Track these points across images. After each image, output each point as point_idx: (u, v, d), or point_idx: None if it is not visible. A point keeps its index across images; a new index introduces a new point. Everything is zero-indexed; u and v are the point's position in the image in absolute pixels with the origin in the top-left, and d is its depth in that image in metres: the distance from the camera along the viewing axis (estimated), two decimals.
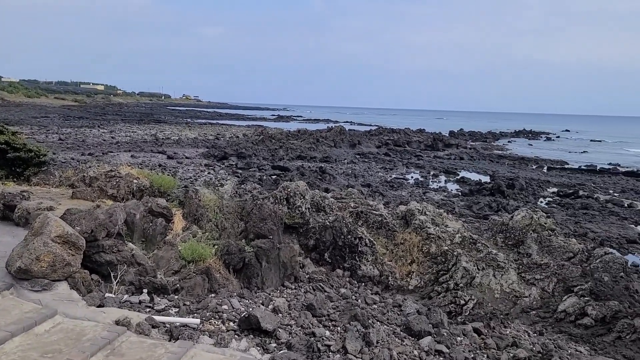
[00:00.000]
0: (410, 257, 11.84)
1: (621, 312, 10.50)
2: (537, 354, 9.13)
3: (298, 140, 52.79)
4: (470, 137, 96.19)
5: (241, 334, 7.47)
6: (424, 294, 11.37)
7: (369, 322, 8.58)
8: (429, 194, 30.20)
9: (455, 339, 9.09)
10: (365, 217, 12.49)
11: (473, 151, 65.47)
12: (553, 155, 67.76)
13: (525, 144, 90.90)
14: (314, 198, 12.62)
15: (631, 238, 21.48)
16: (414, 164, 46.69)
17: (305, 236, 11.92)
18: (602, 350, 10.01)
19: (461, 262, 11.35)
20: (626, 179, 44.72)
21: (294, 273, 10.59)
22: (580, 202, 29.85)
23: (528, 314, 11.07)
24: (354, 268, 11.57)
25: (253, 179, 29.04)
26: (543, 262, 11.84)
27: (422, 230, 12.15)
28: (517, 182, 34.06)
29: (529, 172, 46.86)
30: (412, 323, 8.96)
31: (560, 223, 23.32)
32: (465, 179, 38.34)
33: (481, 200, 28.20)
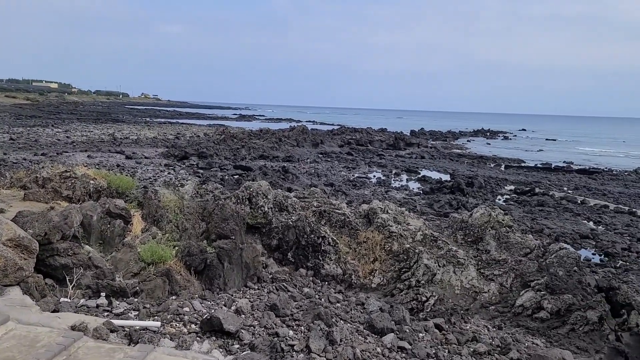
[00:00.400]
0: (373, 255, 11.93)
1: (574, 305, 10.87)
2: (496, 348, 9.34)
3: (260, 140, 52.48)
4: (431, 136, 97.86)
5: (203, 336, 7.36)
6: (387, 291, 11.48)
7: (333, 321, 8.59)
8: (391, 193, 30.54)
9: (417, 335, 9.20)
10: (329, 216, 12.52)
11: (434, 150, 66.62)
12: (510, 153, 69.68)
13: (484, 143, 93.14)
14: (277, 198, 12.56)
15: (584, 233, 22.29)
16: (376, 163, 47.13)
17: (268, 236, 11.85)
18: (557, 342, 10.34)
19: (422, 260, 11.52)
20: (579, 177, 46.40)
21: (256, 273, 10.51)
22: (537, 199, 30.78)
23: (487, 309, 11.33)
24: (317, 267, 11.57)
25: (215, 179, 28.68)
26: (501, 258, 12.14)
27: (385, 229, 12.26)
28: (476, 181, 34.85)
29: (487, 170, 48.04)
30: (375, 321, 9.02)
31: (518, 220, 23.99)
32: (427, 178, 38.95)
33: (442, 199, 28.72)
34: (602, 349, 10.33)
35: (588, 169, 52.63)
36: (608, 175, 48.23)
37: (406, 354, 8.21)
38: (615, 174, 50.19)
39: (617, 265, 18.10)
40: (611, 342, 10.46)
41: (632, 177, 48.22)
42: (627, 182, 43.83)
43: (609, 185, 40.94)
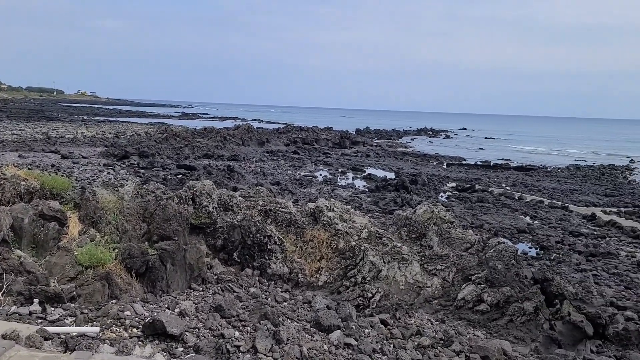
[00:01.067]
0: (320, 253, 11.96)
1: (512, 296, 11.31)
2: (439, 341, 9.58)
3: (205, 139, 51.55)
4: (376, 135, 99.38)
5: (145, 339, 7.14)
6: (333, 289, 11.54)
7: (279, 320, 8.54)
8: (337, 191, 30.76)
9: (363, 331, 9.30)
10: (275, 215, 12.44)
11: (379, 149, 67.69)
12: (452, 152, 71.82)
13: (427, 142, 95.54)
14: (222, 197, 12.36)
15: (521, 228, 23.26)
16: (323, 162, 47.36)
17: (212, 236, 11.64)
18: (497, 334, 10.73)
19: (368, 257, 11.65)
20: (516, 174, 48.44)
21: (201, 274, 10.30)
22: (477, 195, 31.87)
23: (431, 303, 11.60)
24: (263, 267, 11.47)
25: (157, 179, 27.92)
26: (443, 253, 12.46)
27: (331, 227, 12.32)
28: (419, 178, 35.66)
29: (430, 168, 49.29)
30: (321, 318, 9.04)
31: (459, 216, 24.75)
32: (372, 176, 39.51)
33: (387, 196, 29.20)
34: (538, 338, 10.80)
35: (524, 166, 55.02)
36: (543, 172, 50.63)
37: (353, 350, 8.27)
38: (549, 170, 52.75)
39: (552, 258, 19.00)
40: (546, 331, 10.96)
41: (565, 173, 50.83)
42: (560, 178, 46.16)
43: (543, 181, 42.96)
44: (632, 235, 22.83)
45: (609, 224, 25.08)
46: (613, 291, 15.24)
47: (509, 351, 9.28)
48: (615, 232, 23.79)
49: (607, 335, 11.18)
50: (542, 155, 76.58)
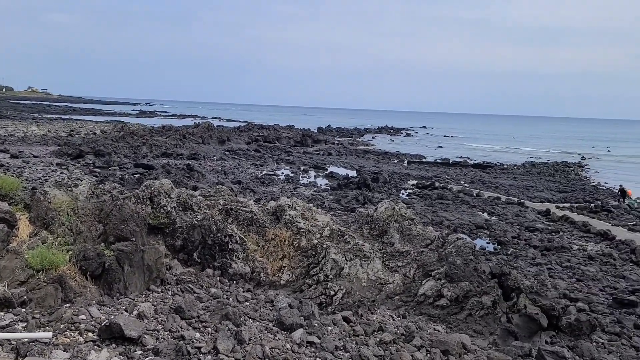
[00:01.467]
0: (282, 252, 11.89)
1: (471, 291, 11.54)
2: (400, 337, 9.67)
3: (163, 137, 50.58)
4: (338, 133, 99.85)
5: (102, 344, 6.92)
6: (296, 287, 11.49)
7: (241, 320, 8.44)
8: (299, 189, 30.71)
9: (326, 328, 9.29)
10: (236, 214, 12.29)
11: (340, 147, 68.02)
12: (412, 150, 72.89)
13: (388, 140, 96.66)
14: (181, 196, 12.12)
15: (479, 224, 23.81)
16: (284, 160, 47.23)
17: (172, 236, 11.40)
18: (456, 327, 10.93)
19: (330, 255, 11.65)
20: (474, 171, 49.59)
21: (160, 276, 10.07)
22: (437, 192, 32.44)
23: (392, 299, 11.71)
24: (224, 266, 11.32)
25: (113, 178, 27.20)
26: (404, 250, 12.60)
27: (293, 225, 12.26)
28: (381, 176, 36.02)
29: (391, 166, 49.88)
30: (284, 317, 8.98)
31: (420, 213, 25.12)
32: (334, 174, 39.66)
33: (349, 194, 29.35)
34: (496, 331, 11.06)
35: (482, 163, 56.40)
36: (500, 169, 52.02)
37: (315, 348, 8.25)
38: (506, 168, 54.25)
39: (509, 253, 19.53)
40: (503, 324, 11.24)
41: (521, 170, 52.39)
42: (516, 175, 47.52)
43: (500, 178, 44.13)
44: (584, 230, 23.71)
45: (562, 219, 25.97)
46: (566, 284, 15.79)
47: (468, 345, 9.45)
48: (568, 226, 24.65)
49: (561, 326, 11.55)
50: (499, 152, 78.65)
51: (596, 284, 15.98)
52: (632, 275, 16.86)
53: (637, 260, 18.47)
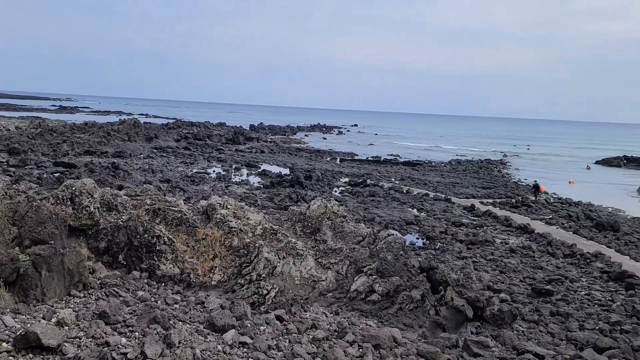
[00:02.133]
0: (213, 252, 11.63)
1: (401, 285, 11.82)
2: (333, 333, 9.73)
3: (86, 134, 48.22)
4: (270, 130, 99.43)
5: (17, 354, 6.46)
6: (228, 288, 11.28)
7: (170, 323, 8.16)
8: (231, 188, 30.26)
9: (258, 328, 9.18)
10: (164, 214, 11.88)
11: (273, 144, 67.75)
12: (344, 148, 73.84)
13: (320, 138, 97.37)
14: (105, 196, 11.55)
15: (409, 220, 24.48)
16: (216, 158, 46.41)
17: (95, 238, 10.83)
18: (388, 322, 11.15)
19: (263, 253, 11.53)
20: (404, 168, 50.96)
21: (82, 280, 9.54)
22: (368, 190, 33.02)
23: (325, 296, 11.77)
24: (152, 268, 10.91)
25: (30, 178, 25.58)
26: (337, 247, 12.70)
27: (224, 224, 12.03)
28: (314, 174, 36.19)
29: (324, 163, 50.27)
30: (215, 318, 8.78)
31: (352, 210, 25.47)
32: (267, 172, 39.43)
33: (282, 192, 29.26)
34: (425, 324, 11.39)
35: (411, 161, 58.09)
36: (428, 167, 53.77)
37: (248, 349, 8.13)
38: (433, 165, 56.16)
39: (437, 247, 20.21)
40: (432, 317, 11.60)
41: (447, 168, 54.42)
42: (443, 172, 49.31)
43: (429, 175, 45.62)
44: (506, 224, 24.95)
45: (486, 214, 27.21)
46: (490, 276, 16.55)
47: (398, 338, 9.66)
48: (492, 221, 25.86)
49: (485, 316, 12.08)
50: (428, 151, 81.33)
51: (517, 275, 16.84)
52: (548, 266, 17.92)
53: (553, 252, 19.65)
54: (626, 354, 10.17)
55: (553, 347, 11.11)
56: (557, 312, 13.51)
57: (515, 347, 10.52)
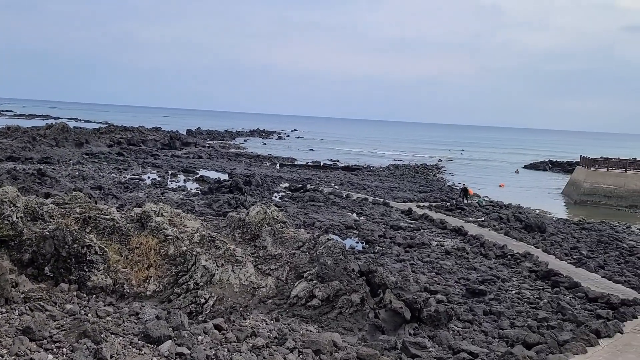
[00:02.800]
0: (148, 261, 11.23)
1: (341, 290, 11.88)
2: (273, 340, 9.64)
3: (8, 139, 45.55)
4: (208, 135, 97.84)
5: None
6: (164, 297, 10.92)
7: (102, 337, 7.79)
8: (167, 194, 29.46)
9: (196, 338, 8.96)
10: (95, 223, 11.34)
11: (211, 150, 66.68)
12: (284, 153, 73.83)
13: (260, 143, 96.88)
14: (29, 205, 10.88)
15: (349, 224, 24.71)
16: (151, 164, 45.09)
17: (18, 250, 10.18)
18: (328, 326, 11.17)
19: (201, 261, 11.26)
20: (344, 173, 51.52)
21: (4, 294, 8.93)
22: (308, 195, 33.09)
23: (265, 303, 11.64)
24: (82, 280, 10.37)
25: None
26: (277, 253, 12.61)
27: (160, 232, 11.65)
28: (253, 179, 35.87)
29: (264, 169, 49.98)
30: (150, 330, 8.48)
31: (292, 215, 25.41)
32: (205, 178, 38.69)
33: (220, 198, 28.78)
34: (364, 327, 11.51)
35: (351, 166, 58.83)
36: (367, 172, 54.65)
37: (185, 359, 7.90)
38: (372, 170, 57.14)
39: (376, 251, 20.51)
40: (371, 320, 11.73)
41: (386, 172, 55.53)
42: (382, 177, 50.27)
43: (368, 180, 46.34)
44: (441, 227, 25.71)
45: (422, 217, 27.94)
46: (427, 277, 16.97)
47: (338, 342, 9.70)
48: (428, 224, 26.58)
49: (422, 317, 12.37)
50: (366, 155, 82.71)
51: (452, 276, 17.37)
52: (481, 267, 18.62)
53: (486, 253, 20.44)
54: (552, 348, 10.69)
55: (486, 345, 11.51)
56: (490, 311, 14.03)
57: (451, 347, 10.82)
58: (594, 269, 18.59)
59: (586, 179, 43.03)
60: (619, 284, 16.72)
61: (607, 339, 11.44)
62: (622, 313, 13.28)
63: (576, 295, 15.40)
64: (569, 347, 10.71)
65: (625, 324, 12.52)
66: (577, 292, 15.59)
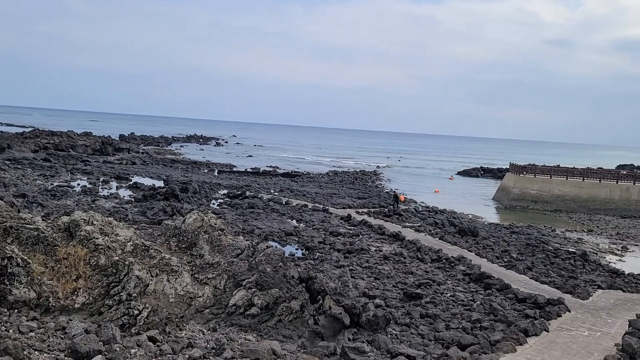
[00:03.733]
0: (76, 272, 10.66)
1: (281, 297, 11.77)
2: (211, 351, 9.37)
3: None
4: (143, 141, 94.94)
5: None
6: (94, 310, 10.41)
7: (25, 354, 7.28)
8: (99, 202, 28.25)
9: (129, 351, 8.56)
10: (17, 233, 10.66)
11: (146, 156, 64.66)
12: (223, 159, 72.73)
13: (197, 149, 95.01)
14: None
15: (288, 231, 24.60)
16: (81, 170, 43.16)
17: None
18: (267, 334, 11.01)
19: (134, 271, 10.82)
20: (283, 180, 51.37)
21: None
22: (247, 202, 32.69)
23: (202, 313, 11.33)
24: (3, 294, 9.70)
25: None
26: (215, 261, 12.33)
27: (89, 242, 11.10)
28: (190, 186, 35.03)
29: (201, 175, 48.95)
30: (78, 345, 8.01)
31: (231, 222, 25.00)
32: (139, 185, 37.43)
33: (155, 205, 27.90)
34: (304, 334, 11.44)
35: (290, 172, 58.76)
36: (307, 178, 54.76)
37: None
38: (312, 176, 57.33)
39: (315, 257, 20.52)
40: (311, 326, 11.68)
41: (325, 179, 55.86)
42: (321, 183, 50.50)
43: (307, 186, 46.43)
44: (379, 232, 26.13)
45: (361, 223, 28.29)
46: (365, 283, 17.15)
47: (278, 350, 9.57)
48: (367, 230, 26.93)
49: (361, 322, 12.46)
50: (306, 163, 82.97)
51: (390, 281, 17.65)
52: (418, 271, 19.04)
53: (422, 257, 20.94)
54: (485, 348, 11.06)
55: (423, 348, 11.75)
56: (426, 314, 14.34)
57: (389, 351, 10.95)
58: (523, 270, 19.45)
59: (515, 184, 45.11)
60: (545, 285, 17.59)
61: (534, 337, 11.98)
62: (548, 312, 13.96)
63: (507, 296, 16.04)
64: (500, 346, 11.12)
65: (551, 322, 13.16)
66: (507, 293, 16.24)
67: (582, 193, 43.06)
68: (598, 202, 42.43)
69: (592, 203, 42.39)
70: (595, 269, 21.41)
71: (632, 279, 19.96)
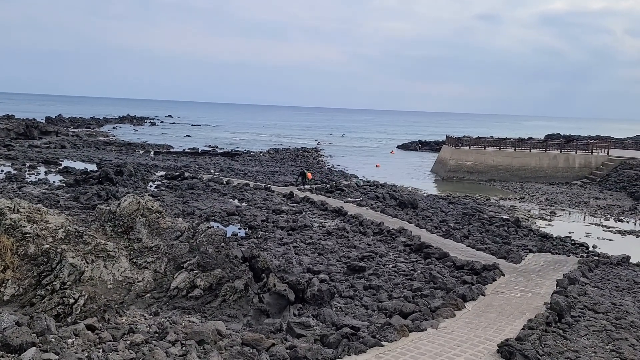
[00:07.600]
0: (3, 263, 10.07)
1: (224, 277, 11.64)
2: (153, 335, 9.18)
3: None
4: (72, 123, 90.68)
5: None
6: (25, 301, 9.90)
7: None
8: (26, 189, 26.76)
9: (65, 342, 8.27)
10: None
11: (76, 138, 61.78)
12: (159, 140, 70.64)
13: (131, 130, 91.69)
14: None
15: (230, 211, 24.29)
16: (4, 155, 40.73)
17: None
18: (211, 316, 10.90)
19: (67, 259, 10.35)
20: (223, 159, 50.56)
21: None
22: (187, 183, 31.96)
23: (143, 298, 11.04)
24: None
25: None
26: (153, 245, 11.99)
27: (16, 231, 10.50)
28: (125, 169, 33.79)
29: (136, 157, 47.34)
30: (10, 338, 7.64)
31: (170, 204, 24.39)
32: (70, 169, 35.78)
33: (89, 190, 26.77)
34: (249, 312, 11.41)
35: (230, 151, 57.88)
36: (247, 157, 54.16)
37: None
38: (253, 155, 56.75)
39: (259, 236, 20.40)
40: (256, 305, 11.65)
41: (266, 157, 55.46)
42: (262, 162, 50.11)
43: (248, 165, 45.94)
44: (322, 208, 26.30)
45: (304, 200, 28.34)
46: (309, 259, 17.25)
47: (223, 330, 9.50)
48: (310, 206, 27.03)
49: (306, 298, 12.56)
50: (246, 141, 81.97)
51: (334, 256, 17.85)
52: (360, 244, 19.36)
53: (365, 231, 21.29)
54: (425, 315, 11.44)
55: (367, 318, 12.00)
56: (369, 285, 14.64)
57: (334, 323, 11.11)
58: (460, 239, 20.21)
59: (451, 156, 46.58)
60: (481, 251, 18.36)
61: (472, 302, 12.50)
62: (484, 277, 14.59)
63: (445, 264, 16.62)
64: (440, 312, 11.53)
65: (487, 287, 13.77)
66: (446, 261, 16.82)
67: (514, 162, 45.08)
68: (529, 171, 44.59)
69: (523, 172, 44.48)
70: (527, 234, 22.58)
71: (559, 241, 21.22)
